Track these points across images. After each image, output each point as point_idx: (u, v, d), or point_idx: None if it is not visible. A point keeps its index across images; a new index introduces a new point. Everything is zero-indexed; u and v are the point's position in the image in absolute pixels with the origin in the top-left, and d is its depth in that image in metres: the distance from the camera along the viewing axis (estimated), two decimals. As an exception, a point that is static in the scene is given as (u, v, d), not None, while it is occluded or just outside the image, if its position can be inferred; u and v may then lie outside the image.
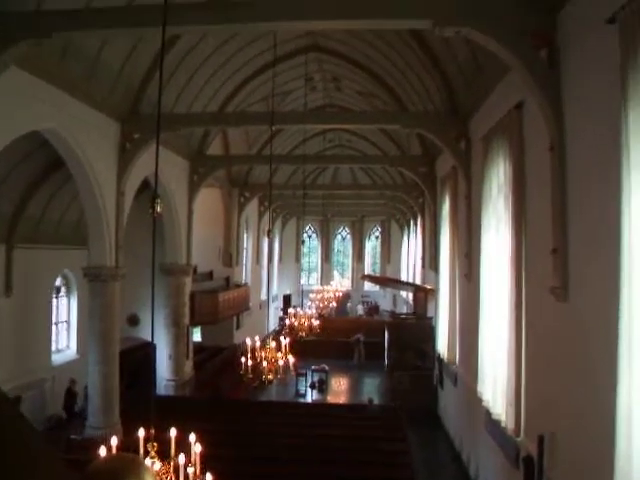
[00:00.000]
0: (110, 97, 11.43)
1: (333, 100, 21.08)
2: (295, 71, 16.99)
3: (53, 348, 14.79)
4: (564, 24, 6.22)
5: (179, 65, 12.63)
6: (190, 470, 4.44)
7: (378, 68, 15.43)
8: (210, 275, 21.56)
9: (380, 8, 6.77)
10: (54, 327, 15.00)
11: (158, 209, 4.24)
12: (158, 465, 4.31)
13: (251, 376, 8.07)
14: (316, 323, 14.33)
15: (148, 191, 14.49)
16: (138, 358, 14.73)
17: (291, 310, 14.65)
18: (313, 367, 20.15)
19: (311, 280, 38.28)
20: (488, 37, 6.52)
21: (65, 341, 15.64)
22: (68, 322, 15.77)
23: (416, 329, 19.19)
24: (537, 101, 6.49)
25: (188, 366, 17.25)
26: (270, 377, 8.36)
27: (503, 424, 7.93)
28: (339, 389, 21.15)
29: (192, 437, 4.71)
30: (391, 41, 12.91)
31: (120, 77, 11.34)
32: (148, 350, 13.50)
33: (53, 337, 14.88)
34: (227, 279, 22.39)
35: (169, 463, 4.39)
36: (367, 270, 38.30)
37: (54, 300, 15.04)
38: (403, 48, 12.70)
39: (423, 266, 21.70)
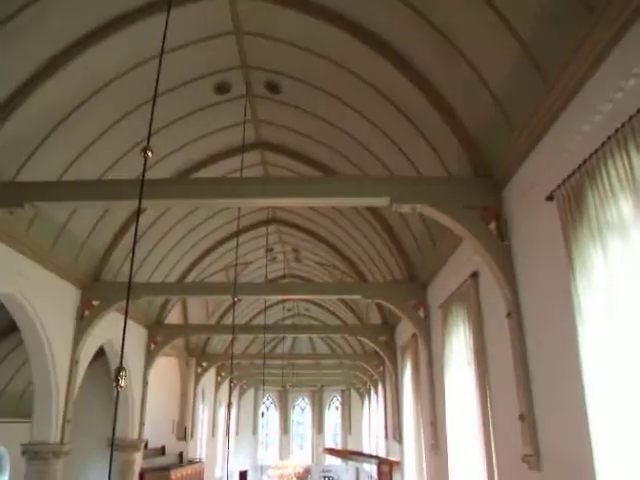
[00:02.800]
0: (73, 264, 11.50)
1: (293, 270, 21.70)
2: (256, 242, 17.64)
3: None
4: (509, 200, 6.84)
5: (143, 234, 12.99)
6: None
7: (337, 240, 16.19)
8: (163, 450, 20.10)
9: (339, 188, 7.36)
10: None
11: (122, 383, 4.07)
12: None
13: None
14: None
15: (101, 359, 14.00)
16: None
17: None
18: None
19: (269, 453, 36.03)
20: (440, 213, 7.04)
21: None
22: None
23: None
24: (491, 271, 6.87)
25: None
26: None
27: None
28: None
29: None
30: (348, 214, 13.72)
31: (85, 245, 11.53)
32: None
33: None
34: (181, 454, 20.90)
35: None
36: (328, 441, 36.52)
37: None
38: (360, 221, 13.47)
39: (386, 437, 20.86)
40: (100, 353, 13.42)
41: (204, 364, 22.31)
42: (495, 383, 7.36)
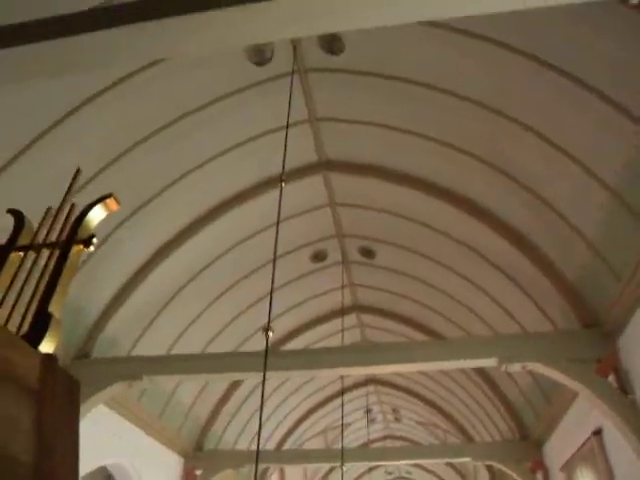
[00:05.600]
0: (178, 433, 11.69)
1: (393, 431, 20.84)
2: (353, 404, 17.28)
3: None
4: (627, 350, 6.53)
5: (243, 403, 13.16)
6: None
7: (437, 397, 15.60)
8: None
9: (446, 352, 7.38)
10: None
11: None
12: None
13: None
14: None
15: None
16: None
17: None
18: None
19: None
20: (552, 369, 6.78)
21: None
22: None
23: None
24: (617, 428, 6.38)
25: None
26: None
27: None
28: None
29: None
30: (449, 371, 13.35)
31: (189, 413, 11.78)
32: None
33: None
34: None
35: None
36: None
37: None
38: (461, 377, 13.03)
39: None
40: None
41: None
42: None
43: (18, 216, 2.25)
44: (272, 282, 4.66)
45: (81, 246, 2.04)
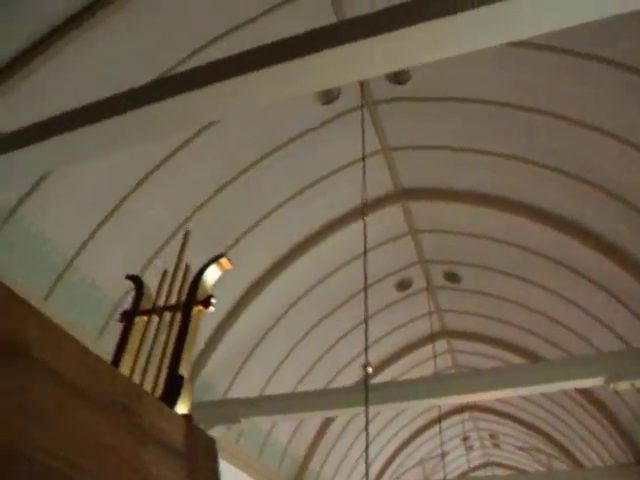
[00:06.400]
0: (277, 471, 11.74)
1: (492, 458, 20.02)
2: (449, 432, 16.77)
3: None
4: None
5: (338, 439, 13.08)
6: None
7: (536, 420, 14.90)
8: None
9: (547, 374, 7.06)
10: None
11: None
12: None
13: None
14: None
15: None
16: None
17: None
18: None
19: None
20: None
21: None
22: None
23: None
24: None
25: None
26: None
27: None
28: None
29: None
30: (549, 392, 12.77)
31: (286, 451, 11.83)
32: None
33: None
34: None
35: None
36: None
37: None
38: (564, 399, 12.43)
39: None
40: None
41: None
42: None
43: (137, 281, 2.38)
44: (365, 315, 4.69)
45: (201, 307, 2.14)
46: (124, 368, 2.03)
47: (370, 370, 4.08)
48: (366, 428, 4.11)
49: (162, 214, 7.04)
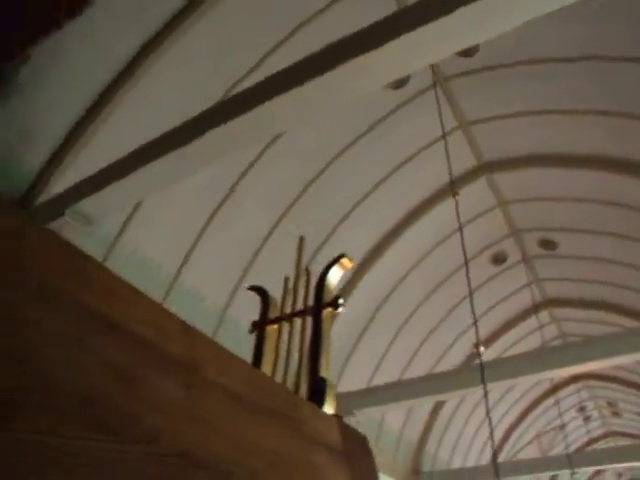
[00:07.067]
0: (393, 459, 11.82)
1: (613, 427, 19.17)
2: (563, 403, 16.19)
3: None
4: None
5: (449, 421, 12.97)
6: None
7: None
8: None
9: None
10: None
11: None
12: None
13: None
14: None
15: None
16: None
17: None
18: None
19: None
20: None
21: None
22: None
23: None
24: None
25: None
26: None
27: None
28: None
29: None
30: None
31: (401, 438, 11.87)
32: None
33: None
34: None
35: None
36: None
37: None
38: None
39: None
40: None
41: None
42: None
43: (261, 292, 2.47)
44: (470, 291, 4.63)
45: (330, 309, 2.19)
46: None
47: (483, 349, 4.01)
48: (487, 414, 4.07)
49: (254, 218, 7.24)
